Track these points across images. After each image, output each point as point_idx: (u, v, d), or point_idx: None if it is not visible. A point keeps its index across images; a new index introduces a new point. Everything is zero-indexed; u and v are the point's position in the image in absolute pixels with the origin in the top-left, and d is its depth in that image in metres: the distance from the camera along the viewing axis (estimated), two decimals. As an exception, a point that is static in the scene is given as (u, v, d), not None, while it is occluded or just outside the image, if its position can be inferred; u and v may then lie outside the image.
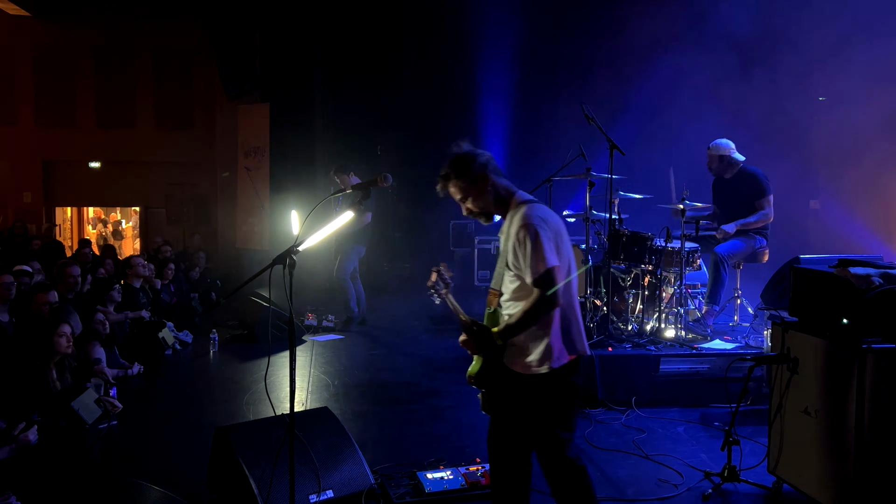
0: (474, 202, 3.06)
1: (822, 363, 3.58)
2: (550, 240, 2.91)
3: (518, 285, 2.99)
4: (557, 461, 3.04)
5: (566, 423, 3.04)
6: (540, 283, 2.86)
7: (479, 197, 3.05)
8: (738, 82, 9.48)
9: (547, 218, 2.97)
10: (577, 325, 3.07)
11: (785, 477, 3.87)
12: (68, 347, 5.02)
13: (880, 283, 3.42)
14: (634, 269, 6.19)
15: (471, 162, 3.03)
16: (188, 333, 7.69)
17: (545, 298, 2.87)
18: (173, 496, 3.46)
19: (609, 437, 4.90)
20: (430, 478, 3.97)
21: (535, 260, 2.86)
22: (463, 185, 3.04)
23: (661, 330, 6.02)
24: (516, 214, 2.98)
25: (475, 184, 3.03)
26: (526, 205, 3.00)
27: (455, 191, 3.07)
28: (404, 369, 6.75)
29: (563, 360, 2.97)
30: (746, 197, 6.51)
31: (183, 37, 13.60)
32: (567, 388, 3.02)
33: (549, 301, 2.88)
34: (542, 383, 2.97)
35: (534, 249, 2.86)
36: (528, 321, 2.91)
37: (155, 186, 13.93)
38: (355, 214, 3.29)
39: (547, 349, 2.94)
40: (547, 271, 2.85)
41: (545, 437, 3.03)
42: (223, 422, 4.85)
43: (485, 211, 3.08)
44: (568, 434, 3.05)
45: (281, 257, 3.03)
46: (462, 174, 3.03)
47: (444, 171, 3.08)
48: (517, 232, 2.91)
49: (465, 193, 3.06)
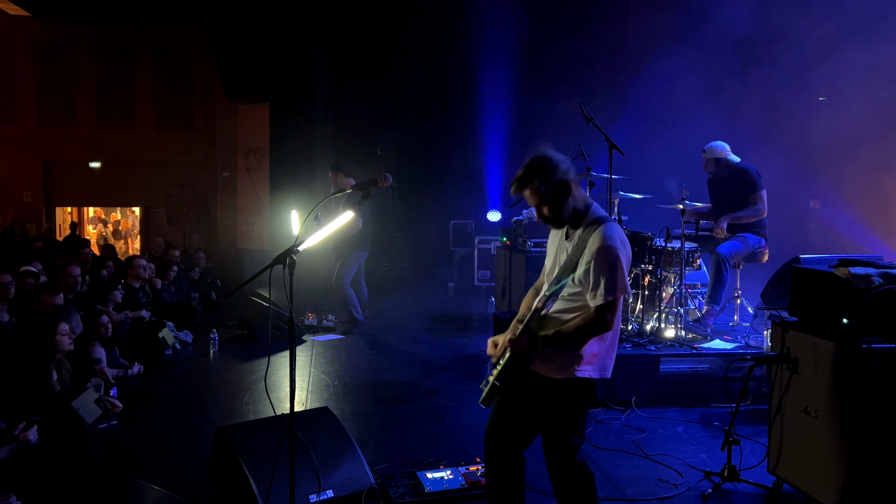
0: (552, 210, 3.01)
1: (822, 363, 3.58)
2: (626, 267, 2.93)
3: (576, 292, 2.98)
4: (566, 465, 3.04)
5: (578, 428, 3.05)
6: (604, 307, 2.88)
7: (560, 206, 3.00)
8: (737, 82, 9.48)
9: (625, 241, 2.98)
10: (613, 350, 3.10)
11: (785, 477, 3.87)
12: (70, 345, 5.03)
13: (880, 283, 3.42)
14: (634, 269, 6.19)
15: (555, 170, 2.96)
16: (188, 333, 7.69)
17: (603, 322, 2.89)
18: (173, 496, 3.46)
19: (609, 437, 4.90)
20: (430, 478, 3.96)
21: (611, 285, 2.86)
22: (544, 191, 2.97)
23: (661, 330, 6.02)
24: (597, 229, 2.93)
25: (557, 193, 2.98)
26: (605, 223, 2.96)
27: (532, 196, 3.00)
28: (404, 369, 6.75)
29: (587, 374, 2.99)
30: (740, 194, 6.52)
31: (183, 37, 13.61)
32: (585, 397, 3.04)
33: (606, 326, 2.91)
34: (563, 387, 2.98)
35: (611, 274, 2.86)
36: (579, 337, 2.93)
37: (155, 186, 13.93)
38: (354, 215, 3.28)
39: (577, 356, 2.96)
40: (615, 300, 2.88)
41: (557, 440, 3.04)
42: (223, 422, 4.85)
43: (560, 219, 3.03)
44: (578, 440, 3.06)
45: (281, 257, 3.03)
46: (545, 181, 2.96)
47: (523, 175, 2.99)
48: (599, 250, 2.88)
49: (543, 200, 3.00)
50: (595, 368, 3.02)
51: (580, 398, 3.02)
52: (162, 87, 13.80)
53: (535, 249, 7.76)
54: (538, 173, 2.97)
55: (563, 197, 2.99)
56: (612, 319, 2.91)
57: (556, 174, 2.96)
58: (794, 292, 3.88)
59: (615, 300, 2.89)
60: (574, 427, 3.03)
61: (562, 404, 3.01)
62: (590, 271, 2.90)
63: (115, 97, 13.75)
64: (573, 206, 3.02)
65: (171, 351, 7.24)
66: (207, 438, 4.08)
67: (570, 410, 3.02)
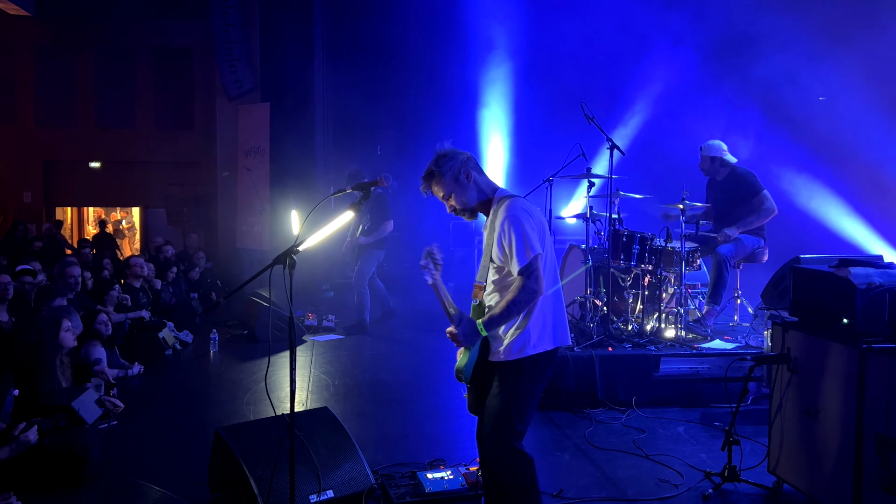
0: (457, 199, 3.13)
1: (822, 363, 3.58)
2: (534, 230, 2.98)
3: (500, 277, 3.07)
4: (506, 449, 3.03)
5: (523, 415, 3.05)
6: (526, 270, 2.93)
7: (462, 194, 3.12)
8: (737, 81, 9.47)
9: (530, 211, 3.05)
10: (559, 316, 3.12)
11: (785, 477, 3.87)
12: (73, 341, 5.04)
13: (880, 283, 3.42)
14: (634, 269, 6.19)
15: (452, 160, 3.10)
16: (188, 333, 7.69)
17: (529, 287, 2.93)
18: (173, 496, 3.46)
19: (609, 437, 4.90)
20: (430, 478, 3.96)
21: (522, 249, 2.94)
22: (446, 182, 3.10)
23: (661, 330, 6.01)
24: (500, 207, 3.06)
25: (458, 181, 3.10)
26: (509, 199, 3.08)
27: (438, 189, 3.14)
28: (404, 369, 6.75)
29: (539, 349, 3.02)
30: (739, 198, 6.51)
31: (183, 37, 13.60)
32: (535, 379, 3.07)
33: (532, 290, 2.94)
34: (515, 369, 3.02)
35: (519, 239, 2.94)
36: (513, 310, 2.97)
37: (155, 186, 13.93)
38: (355, 215, 3.28)
39: (524, 336, 3.00)
40: (533, 259, 2.93)
41: (502, 422, 3.04)
42: (223, 422, 4.86)
43: (468, 208, 3.14)
44: (522, 427, 3.07)
45: (281, 257, 3.03)
46: (445, 172, 3.09)
47: (426, 172, 3.15)
48: (502, 223, 2.99)
49: (448, 191, 3.12)
50: (548, 340, 3.05)
51: (528, 378, 3.05)
52: (162, 87, 13.79)
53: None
54: (438, 166, 3.11)
55: (464, 184, 3.11)
56: (536, 282, 2.94)
57: (455, 164, 3.09)
58: (794, 292, 3.88)
59: (532, 263, 2.93)
60: (520, 411, 3.04)
61: (513, 385, 3.03)
62: (502, 244, 2.99)
63: (115, 97, 13.75)
64: (477, 191, 3.14)
65: (172, 351, 7.24)
66: (207, 438, 4.08)
67: (520, 392, 3.04)
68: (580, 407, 5.40)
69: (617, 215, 6.24)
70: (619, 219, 6.29)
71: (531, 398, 3.09)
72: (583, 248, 6.47)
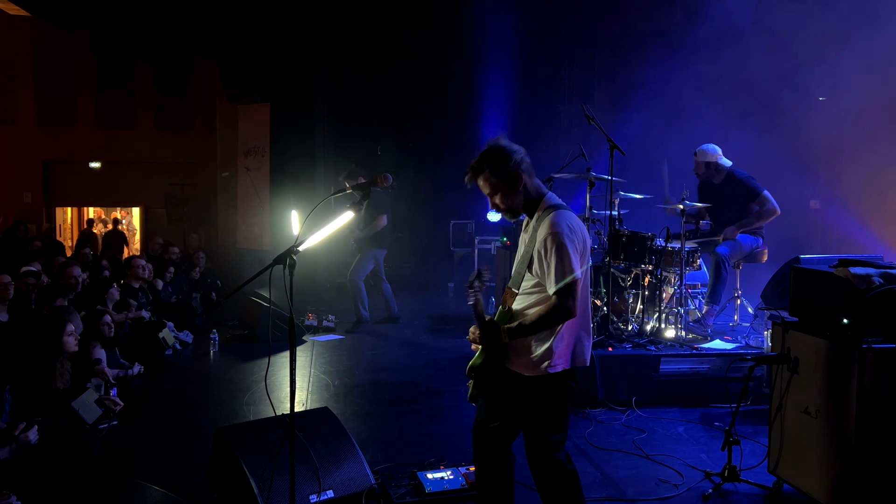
0: (503, 199, 3.01)
1: (822, 363, 3.58)
2: (577, 251, 2.90)
3: (534, 283, 2.98)
4: (546, 462, 3.04)
5: (556, 425, 3.03)
6: (561, 293, 2.86)
7: (510, 197, 3.00)
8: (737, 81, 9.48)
9: (574, 227, 2.94)
10: (585, 337, 3.06)
11: (785, 477, 3.87)
12: (75, 346, 5.04)
13: (880, 283, 3.42)
14: (634, 269, 6.19)
15: (506, 159, 2.97)
16: (188, 333, 7.69)
17: (564, 308, 2.86)
18: (173, 496, 3.46)
19: (609, 437, 4.90)
20: (431, 478, 3.96)
21: (561, 270, 2.85)
22: (495, 181, 2.98)
23: (661, 330, 6.02)
24: (544, 220, 2.94)
25: (508, 182, 2.98)
26: (555, 210, 2.96)
27: (485, 185, 3.01)
28: (405, 369, 6.75)
29: (559, 367, 2.96)
30: (739, 202, 6.52)
31: (183, 37, 13.60)
32: (560, 393, 3.02)
33: (567, 311, 2.88)
34: (536, 385, 2.98)
35: (559, 259, 2.85)
36: (541, 326, 2.91)
37: (155, 186, 13.93)
38: (355, 215, 3.28)
39: (547, 352, 2.94)
40: (569, 283, 2.85)
41: (535, 438, 3.03)
42: (223, 422, 4.85)
43: (512, 209, 3.03)
44: (558, 437, 3.04)
45: (281, 257, 3.03)
46: (496, 170, 2.97)
47: (476, 164, 3.00)
48: (545, 239, 2.89)
49: (495, 189, 3.00)
50: (567, 360, 3.00)
51: (555, 394, 3.01)
52: (162, 87, 13.79)
53: (535, 249, 7.76)
54: (490, 162, 2.97)
55: (514, 186, 2.99)
56: (573, 305, 2.88)
57: (508, 163, 2.97)
58: (794, 292, 3.88)
59: (571, 285, 2.85)
60: (552, 424, 3.02)
61: (537, 402, 3.00)
62: (542, 260, 2.90)
63: (115, 97, 13.74)
64: (525, 195, 3.02)
65: (172, 351, 7.24)
66: (207, 438, 4.08)
67: (546, 407, 3.01)
68: (580, 407, 5.41)
69: (617, 215, 6.24)
70: (619, 219, 6.29)
71: (557, 410, 3.03)
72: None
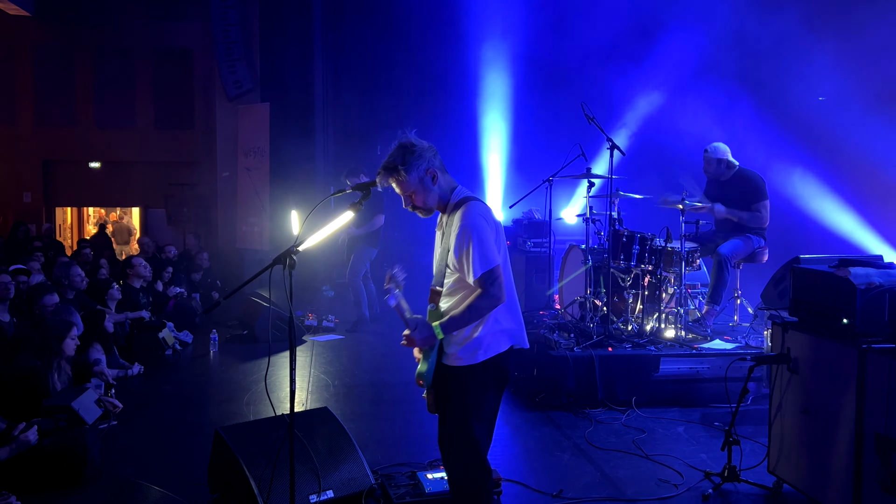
0: (418, 199, 2.99)
1: (822, 363, 3.58)
2: (491, 239, 2.90)
3: (456, 278, 2.98)
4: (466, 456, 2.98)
5: (479, 414, 2.98)
6: (483, 281, 2.86)
7: (425, 195, 2.98)
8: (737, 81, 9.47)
9: (486, 216, 2.96)
10: (514, 317, 3.05)
11: (785, 477, 3.87)
12: (74, 349, 5.05)
13: (880, 283, 3.42)
14: (634, 269, 6.19)
15: (419, 159, 2.93)
16: (188, 333, 7.69)
17: (490, 296, 2.87)
18: (173, 496, 3.46)
19: (609, 437, 4.90)
20: (430, 478, 3.96)
21: (479, 259, 2.85)
22: (410, 182, 2.94)
23: (661, 330, 6.01)
24: (457, 213, 2.96)
25: (422, 183, 2.96)
26: (467, 202, 2.97)
27: (399, 185, 2.97)
28: (404, 369, 6.74)
29: (491, 353, 2.95)
30: (747, 199, 6.50)
31: (183, 37, 13.59)
32: (490, 382, 3.00)
33: (494, 298, 2.88)
34: (469, 374, 2.95)
35: (477, 249, 2.85)
36: (473, 315, 2.90)
37: (155, 186, 13.92)
38: (355, 214, 3.27)
39: (476, 341, 2.94)
40: (490, 270, 2.86)
41: (459, 428, 2.98)
42: (223, 422, 4.86)
43: (427, 206, 3.02)
44: (482, 431, 2.99)
45: (281, 257, 3.02)
46: (410, 171, 2.93)
47: (387, 163, 2.95)
48: (459, 231, 2.89)
49: (409, 188, 2.96)
50: (500, 345, 2.98)
51: (483, 381, 2.97)
52: (162, 87, 13.78)
53: (534, 249, 7.77)
54: (402, 161, 2.93)
55: (428, 188, 2.97)
56: (499, 292, 2.88)
57: (419, 165, 2.94)
58: (794, 292, 3.88)
59: (492, 271, 2.86)
60: (476, 412, 2.97)
61: (464, 390, 2.96)
62: (460, 254, 2.90)
63: (114, 97, 13.73)
64: (440, 192, 3.01)
65: (172, 351, 7.24)
66: (207, 438, 4.08)
67: (474, 394, 2.97)
68: (580, 407, 5.41)
69: (617, 215, 6.24)
70: (619, 219, 6.29)
71: (488, 403, 3.01)
72: (583, 248, 6.48)
